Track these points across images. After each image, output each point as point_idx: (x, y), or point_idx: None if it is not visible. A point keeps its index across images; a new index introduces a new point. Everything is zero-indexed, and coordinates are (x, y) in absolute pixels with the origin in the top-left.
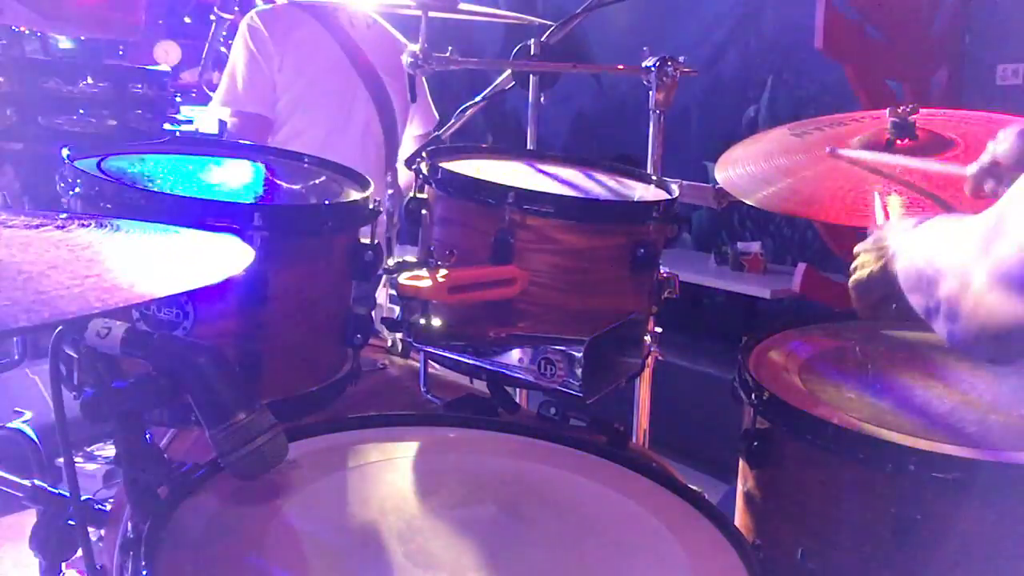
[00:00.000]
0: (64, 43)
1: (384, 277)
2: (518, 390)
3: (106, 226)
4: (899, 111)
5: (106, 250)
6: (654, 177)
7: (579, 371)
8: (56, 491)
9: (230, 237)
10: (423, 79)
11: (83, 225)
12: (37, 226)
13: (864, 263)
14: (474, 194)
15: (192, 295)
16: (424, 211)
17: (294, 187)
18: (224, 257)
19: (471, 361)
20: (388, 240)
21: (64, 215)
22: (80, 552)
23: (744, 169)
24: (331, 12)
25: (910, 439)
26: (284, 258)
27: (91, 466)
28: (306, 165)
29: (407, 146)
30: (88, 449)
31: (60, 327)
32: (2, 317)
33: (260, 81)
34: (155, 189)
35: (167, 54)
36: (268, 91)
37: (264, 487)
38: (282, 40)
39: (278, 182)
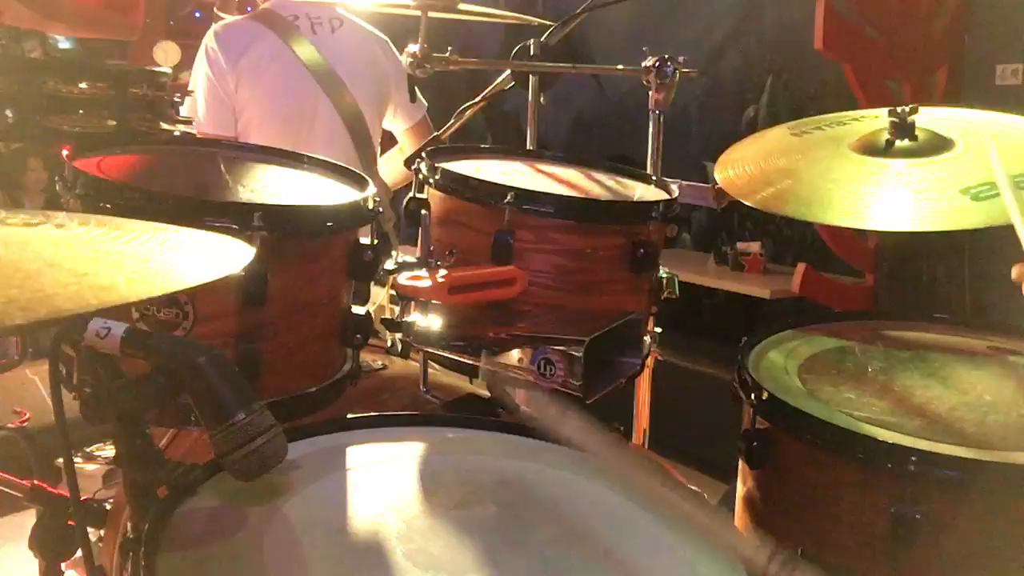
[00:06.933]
0: (64, 43)
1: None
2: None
3: (105, 225)
4: (899, 111)
5: (104, 249)
6: (654, 177)
7: (579, 371)
8: (56, 491)
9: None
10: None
11: (83, 224)
12: (36, 224)
13: None
14: (474, 194)
15: (191, 295)
16: (424, 211)
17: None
18: (223, 257)
19: (471, 361)
20: (385, 235)
21: (63, 214)
22: (80, 552)
23: (744, 169)
24: (290, 21)
25: (910, 439)
26: (284, 258)
27: (91, 466)
28: (306, 165)
29: (400, 141)
30: (88, 449)
31: (59, 327)
32: None
33: (217, 104)
34: (155, 189)
35: (167, 54)
36: (227, 113)
37: (264, 487)
38: (236, 59)
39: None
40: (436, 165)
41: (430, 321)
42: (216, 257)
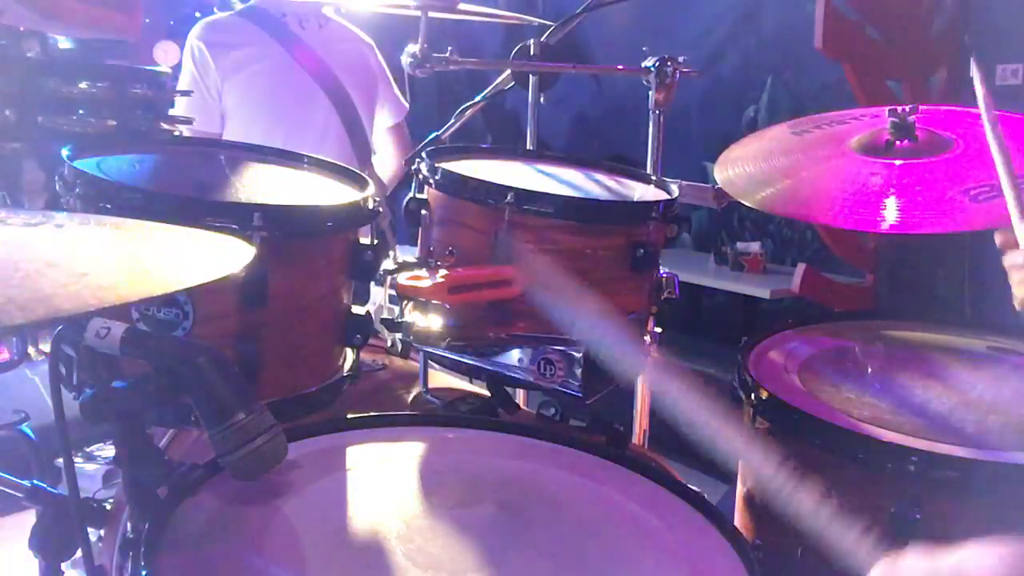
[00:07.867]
0: (64, 43)
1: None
2: (518, 390)
3: (105, 225)
4: (899, 111)
5: (104, 249)
6: (654, 177)
7: (579, 371)
8: (56, 491)
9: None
10: (385, 68)
11: (82, 224)
12: (36, 224)
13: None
14: (473, 194)
15: (191, 295)
16: (424, 211)
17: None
18: (223, 256)
19: (471, 361)
20: (382, 234)
21: (63, 215)
22: (80, 552)
23: (743, 169)
24: (278, 18)
25: (910, 439)
26: (284, 258)
27: (91, 466)
28: (305, 165)
29: (381, 140)
30: (88, 449)
31: (60, 327)
32: None
33: (202, 104)
34: (155, 189)
35: (167, 54)
36: (212, 113)
37: (264, 487)
38: (224, 56)
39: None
40: (436, 165)
41: (430, 321)
42: (216, 257)
